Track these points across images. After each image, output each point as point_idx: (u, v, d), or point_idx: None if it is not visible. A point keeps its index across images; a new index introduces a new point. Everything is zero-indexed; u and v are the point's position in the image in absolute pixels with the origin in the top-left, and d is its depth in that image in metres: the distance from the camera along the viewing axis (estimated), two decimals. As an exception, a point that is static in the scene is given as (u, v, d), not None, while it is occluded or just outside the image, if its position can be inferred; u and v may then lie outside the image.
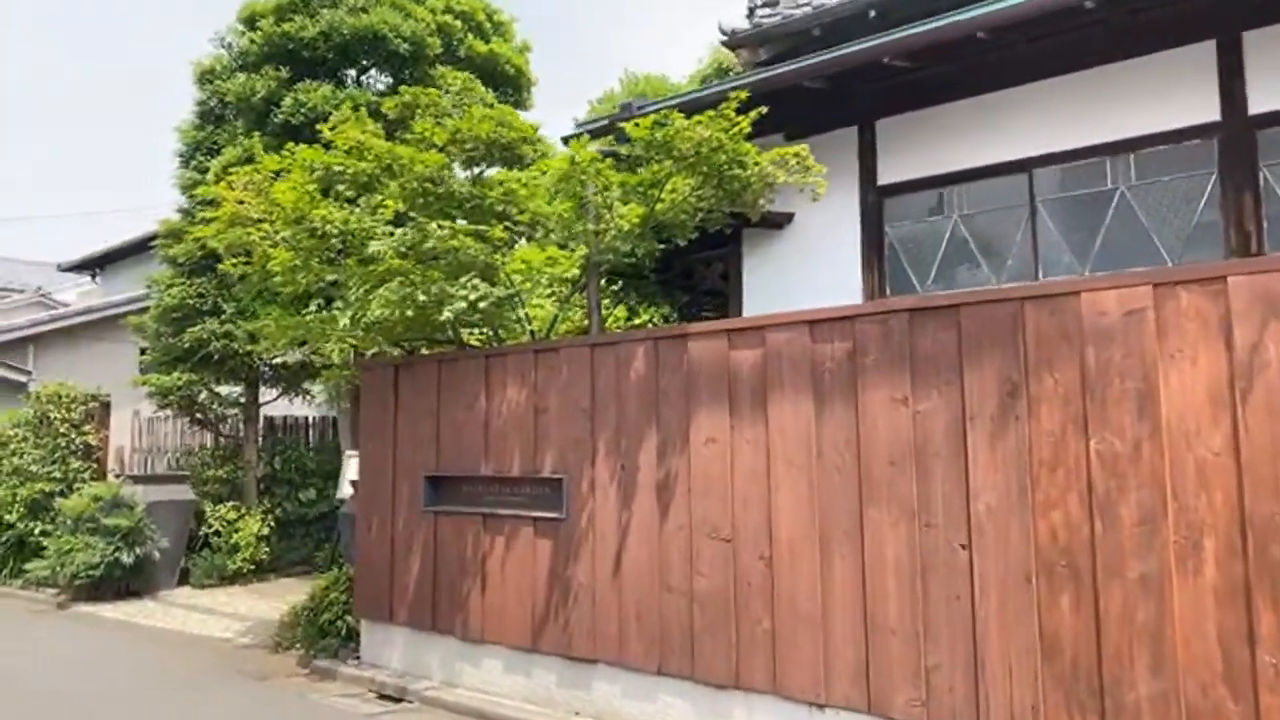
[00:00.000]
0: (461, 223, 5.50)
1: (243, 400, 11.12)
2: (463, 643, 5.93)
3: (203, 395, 10.81)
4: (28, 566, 9.95)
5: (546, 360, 5.64)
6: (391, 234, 5.37)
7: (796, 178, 4.93)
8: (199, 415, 11.10)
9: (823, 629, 4.30)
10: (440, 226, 5.24)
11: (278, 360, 11.26)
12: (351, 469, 8.47)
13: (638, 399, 5.14)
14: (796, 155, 4.77)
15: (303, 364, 10.97)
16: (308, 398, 11.63)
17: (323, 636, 7.13)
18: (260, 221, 6.39)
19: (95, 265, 22.16)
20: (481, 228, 5.30)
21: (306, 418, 13.05)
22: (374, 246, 5.30)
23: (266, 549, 10.50)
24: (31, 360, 13.72)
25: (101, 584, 9.51)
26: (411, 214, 5.71)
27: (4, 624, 8.86)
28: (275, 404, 11.67)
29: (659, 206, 5.27)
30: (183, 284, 10.34)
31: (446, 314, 5.35)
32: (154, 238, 18.03)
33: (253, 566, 10.35)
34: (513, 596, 5.64)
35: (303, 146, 5.98)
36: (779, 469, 4.52)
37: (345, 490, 8.50)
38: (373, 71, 10.31)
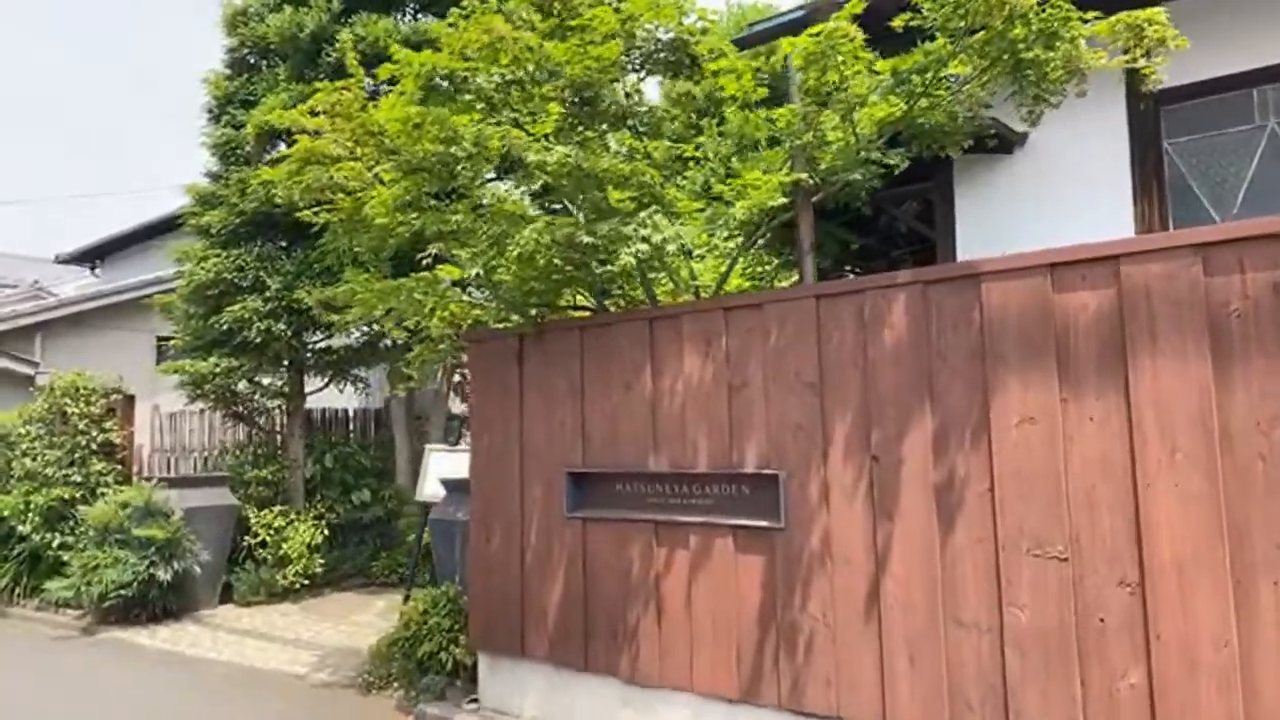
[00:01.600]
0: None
1: (286, 390, 9.75)
2: (628, 686, 4.60)
3: (242, 385, 9.43)
4: (47, 586, 8.59)
5: (743, 320, 4.29)
6: (548, 149, 4.01)
7: (1119, 61, 3.58)
8: (238, 408, 9.72)
9: (1240, 691, 2.97)
10: (620, 142, 3.88)
11: (321, 345, 9.92)
12: (437, 465, 7.13)
13: (897, 367, 3.80)
14: (1146, 23, 3.39)
15: (360, 346, 9.62)
16: (359, 387, 10.27)
17: (423, 673, 5.79)
18: (343, 160, 5.04)
19: (95, 256, 20.81)
20: (675, 146, 3.93)
21: (348, 410, 11.69)
22: (534, 157, 3.92)
23: (320, 560, 9.14)
24: (39, 350, 12.33)
25: (134, 605, 8.16)
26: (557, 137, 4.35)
27: (22, 657, 7.49)
28: (312, 396, 10.30)
29: (920, 105, 3.92)
30: (218, 256, 8.96)
31: (625, 259, 4.00)
32: (157, 226, 16.69)
33: (305, 581, 9.00)
34: (705, 629, 4.30)
35: (406, 52, 4.60)
36: (1152, 459, 3.18)
37: (429, 490, 7.14)
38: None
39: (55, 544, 9.00)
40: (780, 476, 4.08)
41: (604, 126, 4.21)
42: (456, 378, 11.28)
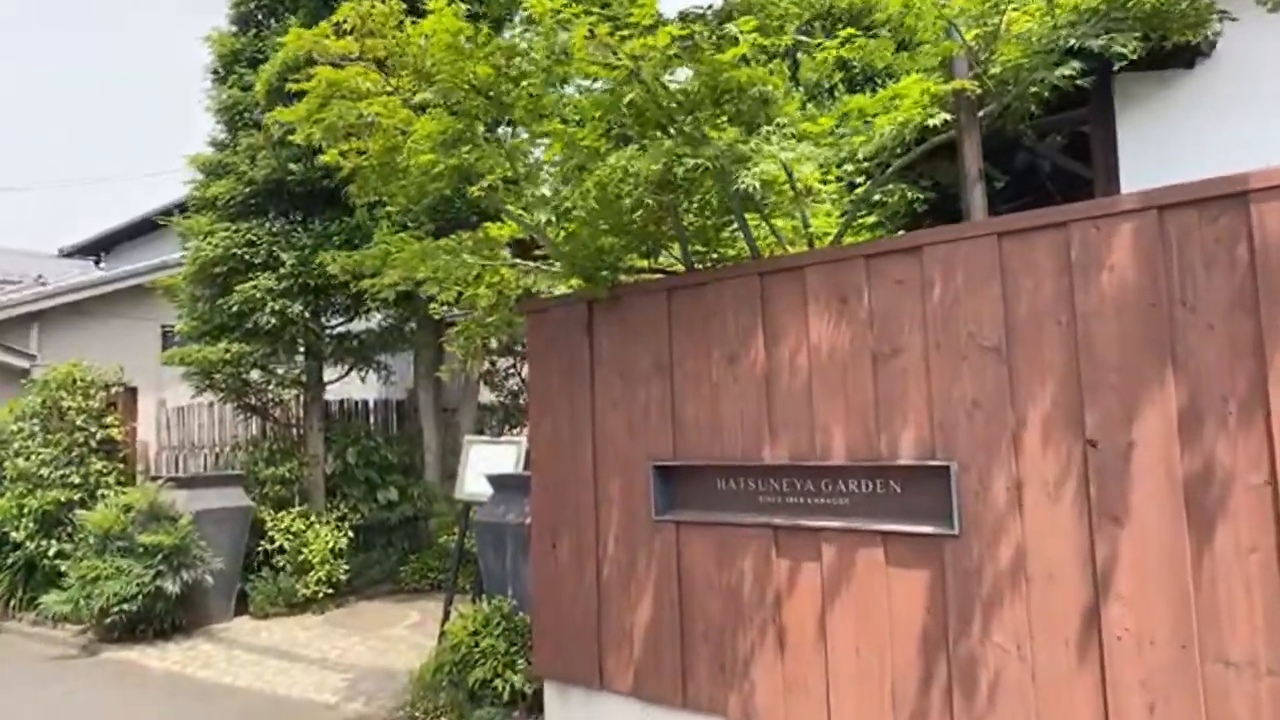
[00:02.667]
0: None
1: (304, 379, 8.86)
2: (740, 732, 3.69)
3: (254, 373, 8.56)
4: (43, 599, 7.73)
5: (892, 269, 3.37)
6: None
7: None
8: (250, 399, 8.84)
9: None
10: (745, 31, 2.95)
11: (341, 329, 9.04)
12: (477, 460, 6.23)
13: (1121, 322, 2.87)
14: None
15: (384, 331, 8.74)
16: (383, 375, 9.39)
17: (476, 704, 4.91)
18: (372, 95, 4.13)
19: (99, 249, 20.05)
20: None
21: (369, 401, 10.81)
22: (630, 46, 2.99)
23: (345, 566, 8.27)
24: (35, 342, 11.48)
25: (139, 619, 7.31)
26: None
27: (10, 685, 6.62)
28: (331, 387, 9.42)
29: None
30: (226, 231, 8.07)
31: (747, 181, 3.08)
32: (165, 212, 15.82)
33: (329, 590, 8.13)
34: (845, 662, 3.39)
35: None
36: None
37: (470, 487, 6.25)
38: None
39: (52, 552, 8.16)
40: (951, 469, 3.16)
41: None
42: (486, 365, 10.40)
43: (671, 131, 3.56)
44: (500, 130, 4.60)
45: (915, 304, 3.31)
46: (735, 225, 4.28)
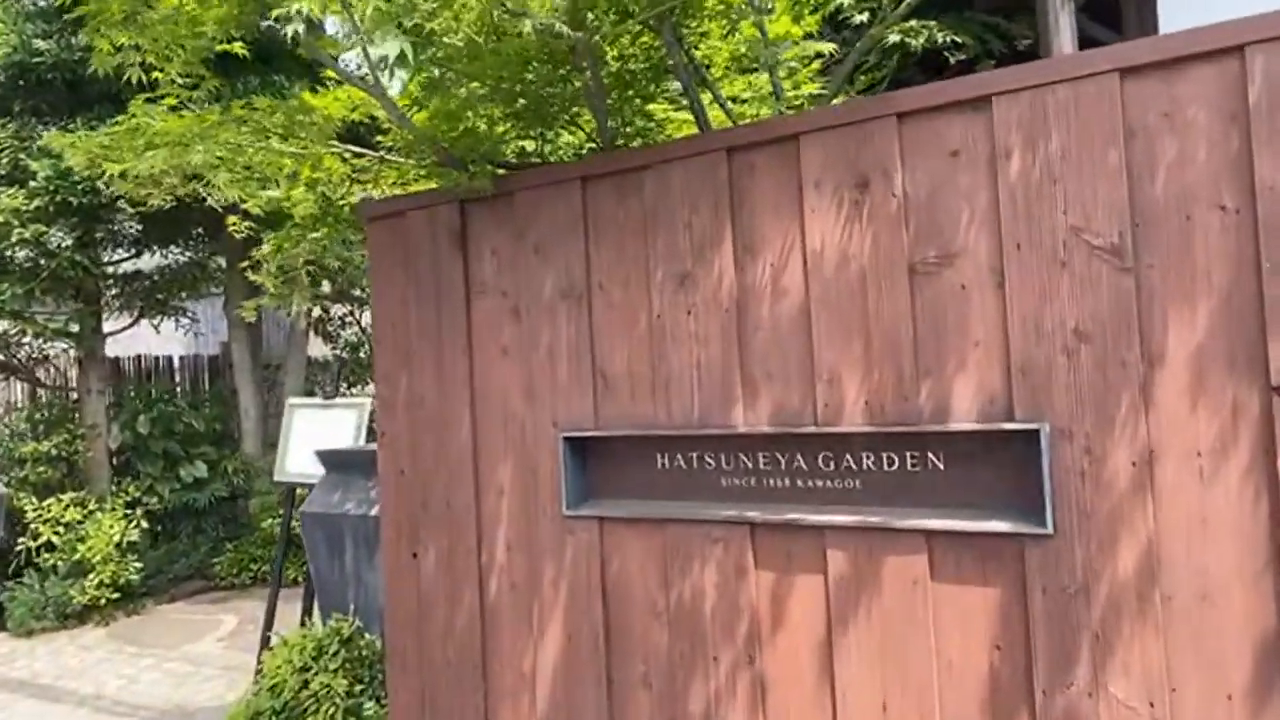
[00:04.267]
0: None
1: (77, 330, 6.97)
2: (699, 817, 2.54)
3: (3, 324, 6.63)
4: None
5: (941, 134, 2.23)
6: None
7: None
8: (1, 356, 6.89)
9: None
10: None
11: (130, 266, 7.20)
12: (304, 430, 4.77)
13: (1335, 201, 1.83)
14: None
15: (182, 268, 6.98)
16: (182, 324, 7.61)
17: (306, 771, 3.55)
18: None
19: None
20: None
21: (172, 358, 8.95)
22: None
23: (136, 563, 6.57)
24: None
25: None
26: None
27: None
28: (118, 339, 7.56)
29: None
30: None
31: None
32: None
33: (116, 594, 6.42)
34: (869, 725, 2.29)
35: None
36: None
37: (296, 466, 4.78)
38: None
39: None
40: (1040, 435, 2.07)
41: None
42: (318, 311, 8.75)
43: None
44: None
45: (980, 185, 2.18)
46: (667, 92, 3.03)
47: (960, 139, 2.20)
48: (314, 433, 4.90)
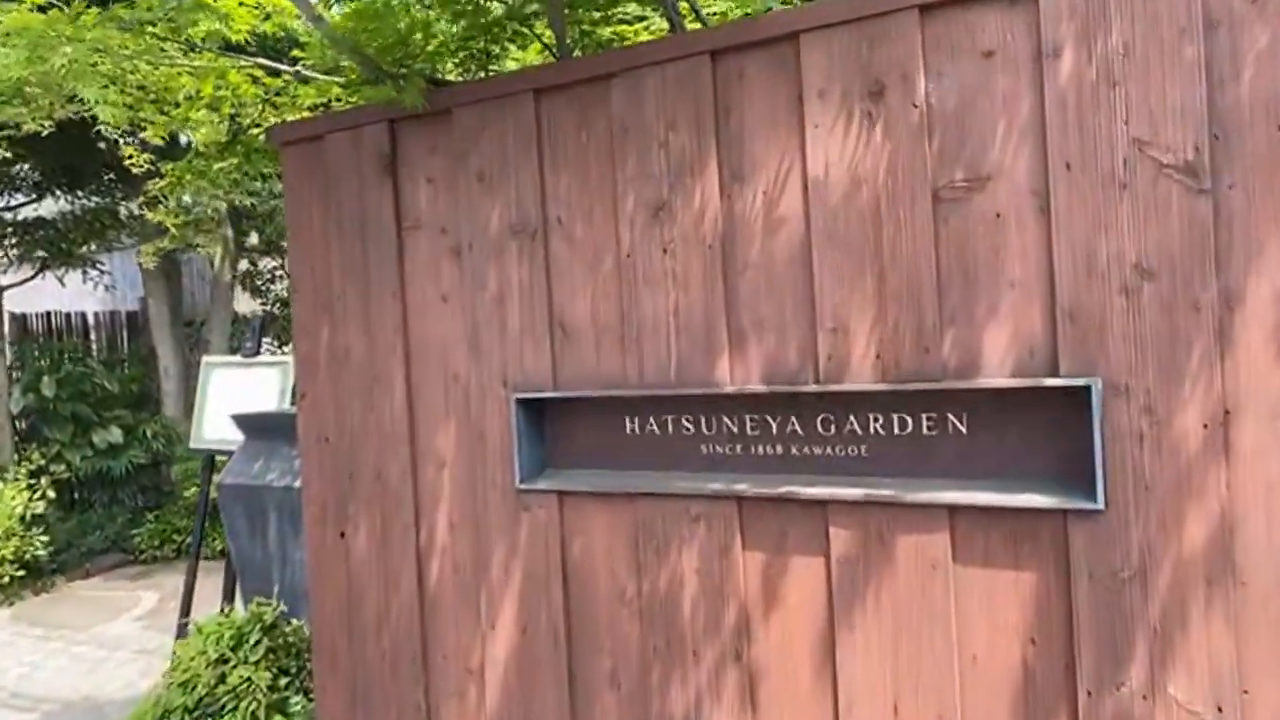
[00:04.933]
0: None
1: (-34, 281, 6.31)
2: (676, 833, 2.21)
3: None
4: None
5: (973, 31, 1.85)
6: None
7: None
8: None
9: None
10: None
11: (31, 212, 6.53)
12: (223, 391, 4.29)
13: None
14: None
15: (88, 214, 6.33)
16: (92, 276, 6.96)
17: (224, 777, 3.14)
18: None
19: None
20: None
21: (85, 315, 8.27)
22: None
23: (43, 537, 6.01)
24: None
25: None
26: None
27: None
28: (19, 292, 6.89)
29: None
30: None
31: None
32: None
33: (21, 571, 5.87)
34: (878, 731, 1.96)
35: None
36: None
37: (213, 433, 4.30)
38: None
39: None
40: (1091, 392, 1.72)
41: None
42: (244, 264, 8.15)
43: None
44: None
45: (1021, 92, 1.80)
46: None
47: (997, 35, 1.82)
48: (234, 394, 4.41)
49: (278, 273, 8.62)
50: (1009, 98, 1.81)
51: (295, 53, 2.92)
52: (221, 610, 3.81)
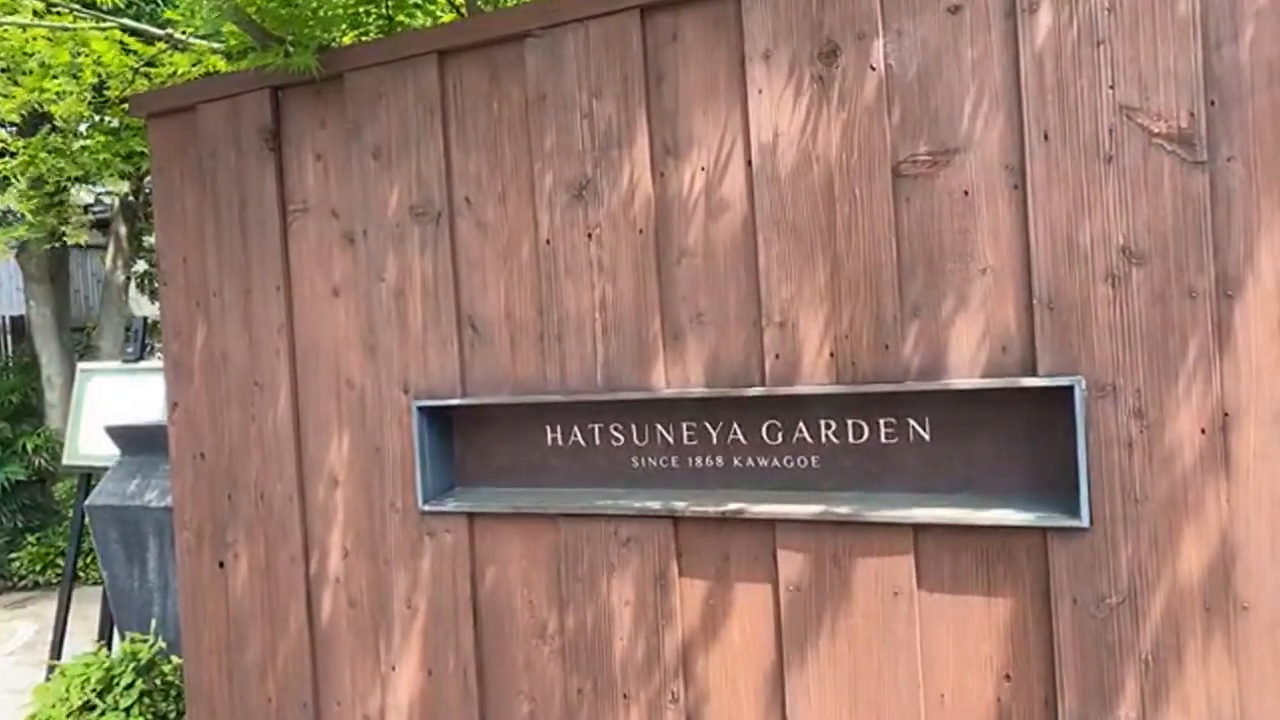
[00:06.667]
0: None
1: None
2: None
3: None
4: None
5: (929, -8, 1.62)
6: None
7: None
8: None
9: None
10: None
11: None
12: (99, 401, 3.86)
13: None
14: None
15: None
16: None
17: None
18: None
19: None
20: None
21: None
22: None
23: (-98, 565, 5.42)
24: None
25: None
26: None
27: None
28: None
29: None
30: None
31: None
32: None
33: (-127, 604, 5.27)
34: (836, 783, 1.71)
35: None
36: None
37: (88, 447, 3.86)
38: None
39: None
40: (1075, 391, 1.51)
41: None
42: (142, 265, 7.60)
43: None
44: None
45: (992, 53, 1.59)
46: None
47: (967, -13, 1.60)
48: (115, 405, 3.97)
49: (179, 274, 8.07)
50: (979, 60, 1.59)
51: (168, 13, 2.57)
52: (97, 648, 3.39)
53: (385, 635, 2.12)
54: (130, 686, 2.89)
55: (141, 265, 7.90)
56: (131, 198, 6.48)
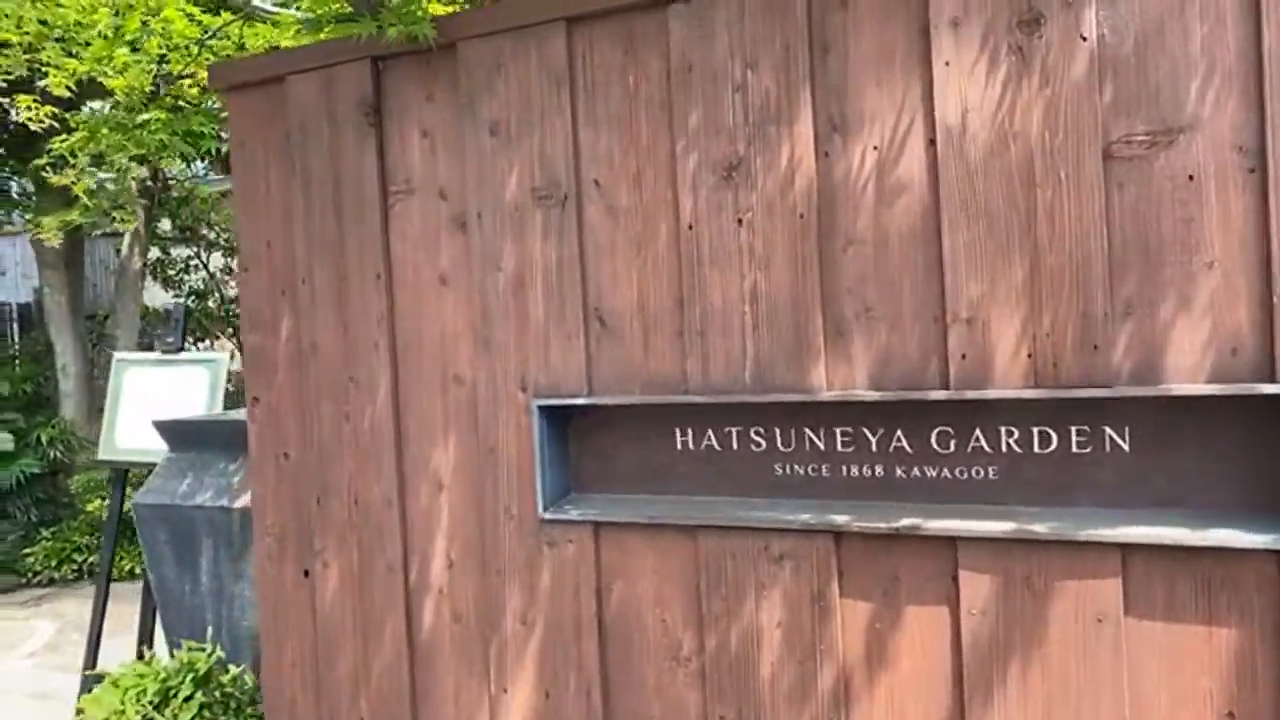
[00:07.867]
0: None
1: None
2: None
3: None
4: None
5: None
6: None
7: None
8: None
9: None
10: None
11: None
12: (137, 392, 3.68)
13: None
14: None
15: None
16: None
17: None
18: None
19: None
20: None
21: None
22: None
23: (-84, 561, 5.22)
24: None
25: None
26: None
27: None
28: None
29: None
30: None
31: None
32: None
33: (-113, 601, 5.07)
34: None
35: None
36: None
37: (128, 441, 3.68)
38: None
39: None
40: (1324, 402, 1.35)
41: None
42: (155, 252, 7.40)
43: None
44: None
45: (1224, 19, 1.43)
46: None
47: (1200, -53, 1.43)
48: (154, 397, 3.79)
49: (192, 262, 7.87)
50: (1211, 28, 1.43)
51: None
52: (139, 654, 3.20)
53: (496, 653, 1.95)
54: (190, 699, 2.71)
55: (155, 253, 7.69)
56: (150, 182, 6.27)
